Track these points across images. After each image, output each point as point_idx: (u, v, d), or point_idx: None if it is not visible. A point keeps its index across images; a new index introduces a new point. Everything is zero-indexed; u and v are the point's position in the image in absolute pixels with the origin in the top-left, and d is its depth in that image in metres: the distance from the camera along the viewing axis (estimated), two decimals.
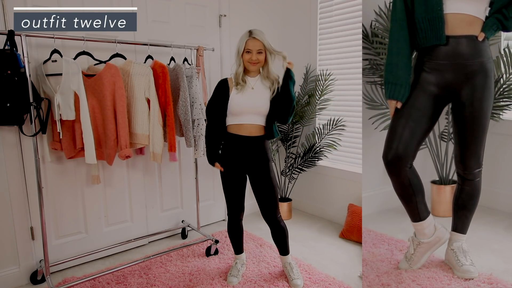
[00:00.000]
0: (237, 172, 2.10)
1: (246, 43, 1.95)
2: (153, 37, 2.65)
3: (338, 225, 3.18)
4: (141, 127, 2.23)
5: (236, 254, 2.34)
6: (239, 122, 2.03)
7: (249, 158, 2.06)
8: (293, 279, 2.17)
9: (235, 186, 2.12)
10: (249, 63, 1.98)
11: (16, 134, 2.15)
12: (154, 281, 2.24)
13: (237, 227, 2.25)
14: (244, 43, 1.96)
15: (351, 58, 2.98)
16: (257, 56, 1.97)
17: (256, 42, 1.95)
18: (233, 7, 3.13)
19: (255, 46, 1.95)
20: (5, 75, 1.83)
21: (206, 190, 3.17)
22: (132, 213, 2.72)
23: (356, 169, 3.03)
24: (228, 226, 2.26)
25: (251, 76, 2.06)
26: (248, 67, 2.01)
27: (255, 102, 2.01)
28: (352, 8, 2.93)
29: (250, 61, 1.98)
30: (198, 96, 2.41)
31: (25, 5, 2.11)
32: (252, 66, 2.00)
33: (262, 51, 1.97)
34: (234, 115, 2.04)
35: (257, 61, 1.98)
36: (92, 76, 2.11)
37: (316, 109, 3.21)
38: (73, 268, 2.44)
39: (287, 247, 2.24)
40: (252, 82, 2.05)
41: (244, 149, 2.05)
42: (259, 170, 2.08)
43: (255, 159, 2.06)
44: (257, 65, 2.01)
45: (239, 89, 2.02)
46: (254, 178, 2.10)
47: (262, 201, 2.11)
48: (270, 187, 2.09)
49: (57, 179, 2.34)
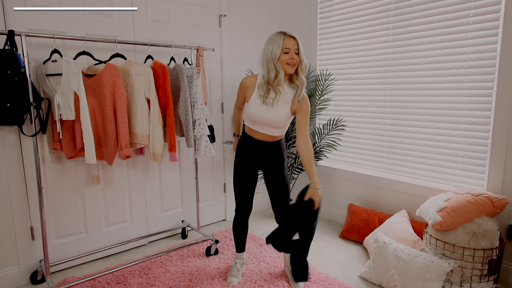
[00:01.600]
0: (250, 170, 2.11)
1: (284, 42, 1.80)
2: (153, 37, 2.66)
3: (338, 225, 3.18)
4: (141, 127, 2.22)
5: (237, 252, 2.35)
6: (254, 128, 2.04)
7: (264, 156, 2.08)
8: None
9: (246, 184, 2.13)
10: (288, 64, 1.84)
11: (16, 134, 2.15)
12: (154, 281, 2.24)
13: (243, 225, 2.26)
14: (281, 43, 1.80)
15: (351, 58, 2.98)
16: (296, 56, 1.84)
17: (293, 41, 1.82)
18: (233, 7, 3.13)
19: (294, 45, 1.82)
20: (5, 75, 1.83)
21: (206, 190, 3.17)
22: (132, 213, 2.72)
23: (356, 169, 3.03)
24: (234, 223, 2.26)
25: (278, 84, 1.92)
26: (287, 69, 1.85)
27: (272, 118, 1.96)
28: (352, 8, 2.93)
29: (289, 62, 1.83)
30: (198, 96, 2.41)
31: (25, 5, 2.10)
32: (291, 68, 1.85)
33: (298, 52, 1.85)
34: (250, 120, 2.02)
35: (295, 62, 1.84)
36: (92, 76, 2.10)
37: (316, 109, 3.21)
38: (73, 268, 2.44)
39: None
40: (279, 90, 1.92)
41: (259, 150, 2.07)
42: (273, 167, 2.09)
43: (270, 158, 2.08)
44: (294, 67, 1.86)
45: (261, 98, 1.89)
46: (268, 175, 2.12)
47: (275, 198, 2.14)
48: (283, 185, 2.11)
49: (57, 179, 2.34)
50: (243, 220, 2.24)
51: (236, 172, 2.14)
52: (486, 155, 2.28)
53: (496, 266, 1.98)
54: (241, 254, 2.35)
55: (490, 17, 2.17)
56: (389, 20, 2.68)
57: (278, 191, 2.12)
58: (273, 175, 2.10)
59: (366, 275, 2.25)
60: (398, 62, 2.66)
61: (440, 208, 2.08)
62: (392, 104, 2.73)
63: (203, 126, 2.39)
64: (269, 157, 2.08)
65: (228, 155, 3.27)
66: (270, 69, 1.85)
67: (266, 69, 1.86)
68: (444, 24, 2.38)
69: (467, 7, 2.27)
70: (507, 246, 2.20)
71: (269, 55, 1.84)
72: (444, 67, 2.41)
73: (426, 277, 1.96)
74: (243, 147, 2.12)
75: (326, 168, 3.25)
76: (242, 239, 2.31)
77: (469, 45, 2.29)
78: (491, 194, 2.06)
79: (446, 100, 2.42)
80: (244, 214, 2.21)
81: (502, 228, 2.20)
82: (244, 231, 2.28)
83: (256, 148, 2.07)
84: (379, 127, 2.85)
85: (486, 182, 2.28)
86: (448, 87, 2.40)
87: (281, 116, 1.96)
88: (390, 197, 2.78)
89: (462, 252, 1.96)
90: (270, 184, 2.13)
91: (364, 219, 2.76)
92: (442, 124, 2.46)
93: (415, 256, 2.05)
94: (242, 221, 2.24)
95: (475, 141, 2.32)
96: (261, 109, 1.93)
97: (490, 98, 2.22)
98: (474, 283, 1.95)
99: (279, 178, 2.10)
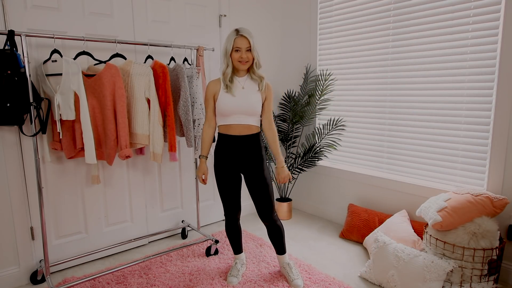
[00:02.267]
0: (231, 172, 2.09)
1: (235, 41, 1.93)
2: (153, 37, 2.65)
3: (338, 225, 3.18)
4: (141, 127, 2.22)
5: (235, 254, 2.35)
6: (229, 122, 2.03)
7: (242, 157, 2.06)
8: (294, 280, 2.17)
9: (229, 187, 2.11)
10: (239, 62, 1.96)
11: (16, 134, 2.15)
12: (154, 281, 2.24)
13: (235, 227, 2.25)
14: (232, 42, 1.93)
15: (351, 58, 2.98)
16: (247, 54, 1.95)
17: (244, 40, 1.93)
18: (233, 7, 3.13)
19: (244, 43, 1.93)
20: (5, 75, 1.83)
21: (206, 190, 3.17)
22: (132, 213, 2.72)
23: (356, 169, 3.03)
24: (226, 226, 2.26)
25: (239, 76, 2.05)
26: (238, 66, 1.98)
27: (248, 102, 2.00)
28: (352, 8, 2.93)
29: (240, 59, 1.96)
30: (198, 96, 2.41)
31: (25, 5, 2.10)
32: (242, 65, 1.98)
33: (249, 49, 1.95)
34: (223, 116, 2.03)
35: (247, 60, 1.96)
36: (92, 76, 2.10)
37: (316, 109, 3.21)
38: (73, 268, 2.44)
39: (283, 246, 2.24)
40: (242, 81, 2.04)
41: (237, 147, 2.05)
42: (252, 169, 2.07)
43: (248, 158, 2.06)
44: (246, 64, 1.99)
45: (228, 90, 2.00)
46: (248, 177, 2.10)
47: (257, 200, 2.11)
48: (264, 187, 2.07)
49: (57, 179, 2.34)
50: (234, 223, 2.23)
51: (218, 176, 2.12)
52: (486, 155, 2.28)
53: (496, 266, 1.98)
54: (240, 255, 2.35)
55: (490, 17, 2.17)
56: (389, 20, 2.68)
57: (260, 193, 2.08)
58: (254, 176, 2.07)
59: (366, 275, 2.25)
60: (398, 62, 2.66)
61: (440, 208, 2.08)
62: (392, 104, 2.73)
63: (202, 126, 2.39)
64: (248, 156, 2.06)
65: None
66: (226, 63, 2.00)
67: (225, 63, 2.01)
68: (444, 24, 2.38)
69: (467, 7, 2.27)
70: (507, 246, 2.20)
71: (223, 51, 2.00)
72: (444, 67, 2.41)
73: (426, 277, 1.96)
74: (220, 149, 2.08)
75: (326, 168, 3.25)
76: (238, 241, 2.31)
77: (469, 45, 2.29)
78: (491, 194, 2.06)
79: (446, 100, 2.42)
80: (233, 217, 2.20)
81: (502, 228, 2.20)
82: (237, 233, 2.27)
83: (234, 146, 2.04)
84: (379, 127, 2.85)
85: (486, 182, 2.28)
86: (448, 87, 2.40)
87: (253, 100, 2.03)
88: (390, 197, 2.78)
89: (462, 252, 1.96)
90: (252, 186, 2.09)
91: (364, 219, 2.76)
92: (442, 124, 2.46)
93: (415, 256, 2.05)
94: (233, 224, 2.23)
95: (475, 141, 2.32)
96: (232, 99, 2.01)
97: (490, 98, 2.22)
98: (474, 283, 1.95)
99: (260, 179, 2.07)
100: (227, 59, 1.98)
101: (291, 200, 3.41)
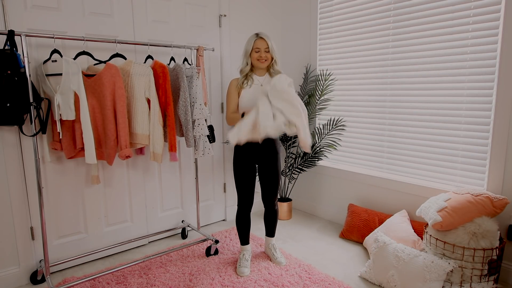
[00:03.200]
0: (248, 164, 2.29)
1: (255, 43, 2.20)
2: (153, 37, 2.66)
3: (338, 225, 3.18)
4: (141, 127, 2.22)
5: (243, 245, 2.45)
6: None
7: (260, 150, 2.27)
8: (277, 258, 2.44)
9: (246, 178, 2.30)
10: (258, 60, 2.21)
11: (16, 134, 2.15)
12: (154, 281, 2.24)
13: (246, 218, 2.40)
14: (252, 43, 2.20)
15: (351, 58, 2.98)
16: (265, 54, 2.20)
17: (263, 42, 2.20)
18: (233, 7, 3.13)
19: (263, 45, 2.20)
20: (5, 75, 1.83)
21: (206, 190, 3.17)
22: (132, 213, 2.72)
23: (356, 169, 3.03)
24: (237, 217, 2.40)
25: (259, 75, 2.29)
26: (258, 65, 2.23)
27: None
28: (352, 8, 2.93)
29: (259, 58, 2.20)
30: (198, 96, 2.41)
31: (25, 5, 2.10)
32: (261, 63, 2.21)
33: (268, 50, 2.20)
34: (244, 111, 2.21)
35: (265, 58, 2.20)
36: (92, 76, 2.10)
37: (316, 109, 3.21)
38: (73, 268, 2.44)
39: (274, 230, 2.55)
40: (260, 80, 2.23)
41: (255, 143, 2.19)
42: (268, 160, 2.31)
43: (265, 151, 2.28)
44: (265, 63, 2.22)
45: (249, 85, 2.23)
46: (262, 167, 2.33)
47: (266, 186, 2.36)
48: (275, 175, 2.34)
49: (57, 179, 2.34)
50: (246, 214, 2.39)
51: (236, 168, 2.32)
52: (486, 155, 2.28)
53: (496, 266, 1.98)
54: (247, 246, 2.47)
55: (490, 17, 2.17)
56: (389, 20, 2.68)
57: (270, 180, 2.33)
58: (267, 167, 2.31)
59: (366, 275, 2.25)
60: (398, 62, 2.66)
61: (440, 208, 2.08)
62: (392, 104, 2.73)
63: (202, 126, 2.39)
64: (264, 148, 2.27)
65: (228, 155, 3.27)
66: (246, 62, 2.26)
67: (244, 62, 2.27)
68: (444, 24, 2.38)
69: (467, 7, 2.27)
70: (507, 246, 2.20)
71: (244, 52, 2.27)
72: (444, 67, 2.41)
73: (426, 277, 1.96)
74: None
75: (326, 168, 3.25)
76: (246, 232, 2.44)
77: (469, 45, 2.29)
78: (491, 194, 2.06)
79: (446, 100, 2.42)
80: (246, 208, 2.37)
81: (502, 228, 2.20)
82: (247, 224, 2.42)
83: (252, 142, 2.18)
84: (379, 127, 2.85)
85: (486, 182, 2.28)
86: (448, 87, 2.40)
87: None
88: (390, 197, 2.78)
89: (462, 252, 1.96)
90: (263, 175, 2.34)
91: (364, 219, 2.76)
92: (442, 124, 2.46)
93: (415, 256, 2.05)
94: (245, 215, 2.39)
95: (475, 141, 2.32)
96: (251, 95, 2.22)
97: (490, 98, 2.22)
98: (474, 283, 1.95)
99: (273, 170, 2.32)
100: (247, 58, 2.24)
101: (291, 200, 3.41)
